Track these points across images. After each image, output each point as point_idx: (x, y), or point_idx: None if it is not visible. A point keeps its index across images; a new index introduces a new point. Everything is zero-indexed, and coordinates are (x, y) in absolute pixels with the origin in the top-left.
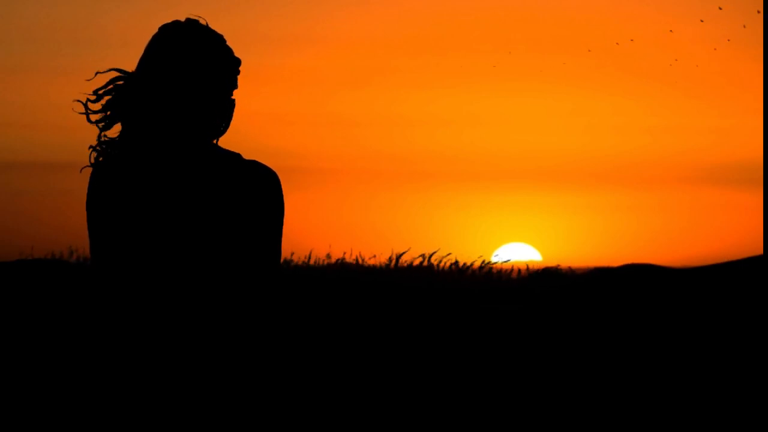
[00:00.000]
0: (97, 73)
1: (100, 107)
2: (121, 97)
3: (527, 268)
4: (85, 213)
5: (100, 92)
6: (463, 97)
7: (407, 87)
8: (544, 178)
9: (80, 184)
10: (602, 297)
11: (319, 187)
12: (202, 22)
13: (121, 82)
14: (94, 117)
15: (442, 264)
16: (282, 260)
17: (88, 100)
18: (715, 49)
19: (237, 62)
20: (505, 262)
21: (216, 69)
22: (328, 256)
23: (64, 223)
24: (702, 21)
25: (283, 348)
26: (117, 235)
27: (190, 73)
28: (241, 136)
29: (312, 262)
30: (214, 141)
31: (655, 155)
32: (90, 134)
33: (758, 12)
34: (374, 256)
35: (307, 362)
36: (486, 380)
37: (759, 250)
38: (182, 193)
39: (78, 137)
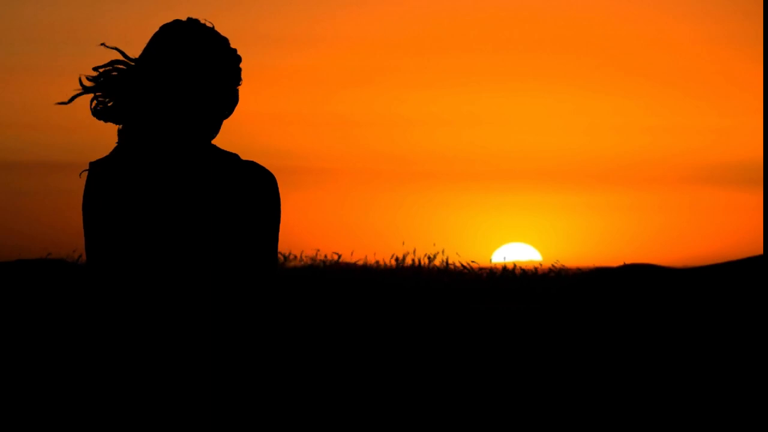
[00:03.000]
0: (102, 44)
1: (96, 84)
2: (120, 80)
3: (528, 269)
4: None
5: (101, 70)
6: (463, 97)
7: (407, 87)
8: (544, 178)
9: (80, 184)
10: (602, 297)
11: (319, 187)
12: (208, 24)
13: (121, 66)
14: (87, 84)
15: (442, 264)
16: (280, 260)
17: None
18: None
19: (237, 59)
20: (505, 262)
21: (216, 65)
22: (327, 256)
23: (64, 223)
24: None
25: (281, 348)
26: (112, 234)
27: (189, 68)
28: (241, 136)
29: (311, 262)
30: (212, 135)
31: (655, 155)
32: (90, 134)
33: None
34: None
35: (305, 362)
36: (486, 380)
37: (759, 250)
38: (179, 193)
39: (78, 137)
